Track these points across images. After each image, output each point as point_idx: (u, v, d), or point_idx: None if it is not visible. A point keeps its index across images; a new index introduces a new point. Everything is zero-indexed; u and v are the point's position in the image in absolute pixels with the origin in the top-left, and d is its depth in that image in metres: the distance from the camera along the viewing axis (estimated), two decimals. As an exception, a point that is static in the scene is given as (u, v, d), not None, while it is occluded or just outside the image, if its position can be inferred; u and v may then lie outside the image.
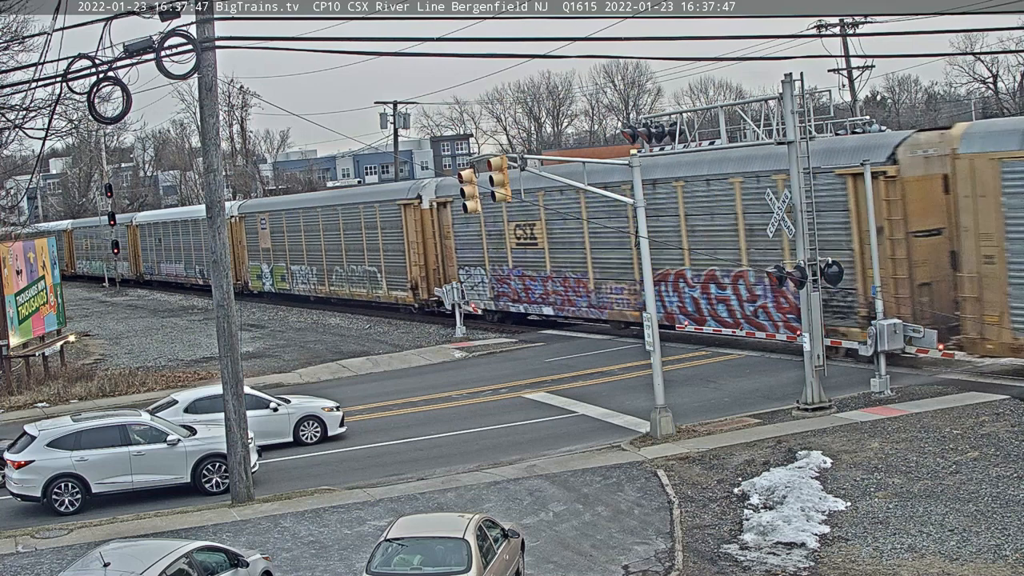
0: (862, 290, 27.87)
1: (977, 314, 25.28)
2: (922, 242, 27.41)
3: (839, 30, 53.32)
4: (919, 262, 27.47)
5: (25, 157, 69.56)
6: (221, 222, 22.50)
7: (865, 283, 27.68)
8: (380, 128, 68.54)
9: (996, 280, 24.68)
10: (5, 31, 37.40)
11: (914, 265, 27.46)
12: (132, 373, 38.57)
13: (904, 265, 27.44)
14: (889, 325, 25.79)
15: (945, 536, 17.17)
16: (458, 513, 18.06)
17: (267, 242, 56.05)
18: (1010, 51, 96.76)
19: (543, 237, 39.05)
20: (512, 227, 40.48)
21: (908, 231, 27.41)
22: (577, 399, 29.38)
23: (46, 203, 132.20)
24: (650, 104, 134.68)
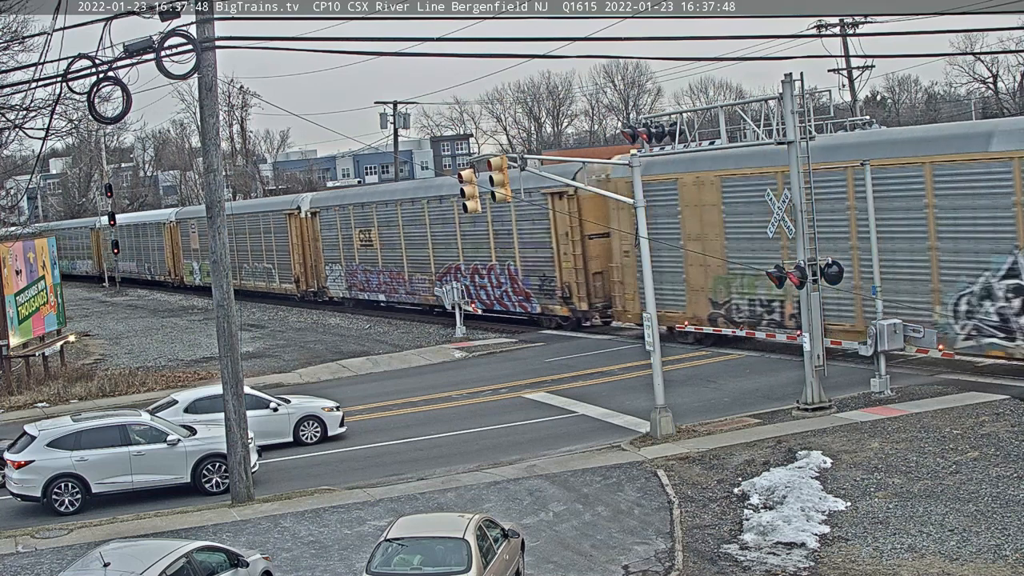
0: (559, 277, 39.63)
1: (621, 293, 37.30)
2: (595, 242, 38.56)
3: (839, 30, 53.33)
4: (593, 257, 38.78)
5: (25, 157, 69.65)
6: (221, 222, 22.50)
7: (561, 272, 39.58)
8: (380, 128, 68.65)
9: (631, 269, 35.50)
10: (5, 31, 37.40)
11: (589, 259, 38.84)
12: (132, 373, 38.58)
13: (582, 259, 38.95)
14: (889, 325, 25.80)
15: (945, 536, 17.17)
16: (458, 513, 18.05)
17: (196, 243, 66.35)
18: (1010, 51, 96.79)
19: (376, 240, 49.53)
20: (357, 232, 50.78)
21: (584, 234, 38.61)
22: (577, 399, 29.39)
23: (46, 203, 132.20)
24: (650, 104, 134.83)
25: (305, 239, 55.51)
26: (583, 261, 38.68)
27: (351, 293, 52.18)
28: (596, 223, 37.82)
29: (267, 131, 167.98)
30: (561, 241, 39.03)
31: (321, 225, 53.84)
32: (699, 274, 33.85)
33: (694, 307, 34.24)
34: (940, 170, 26.43)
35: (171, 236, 71.78)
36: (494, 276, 42.42)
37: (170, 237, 72.11)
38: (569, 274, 38.93)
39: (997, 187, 25.16)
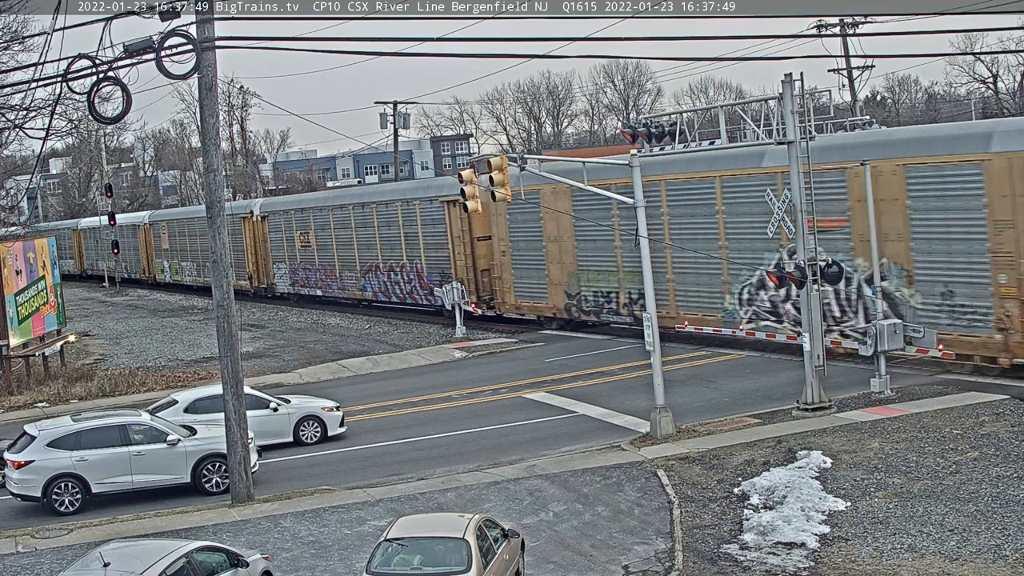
0: (455, 274, 44.24)
1: (500, 287, 42.70)
2: (481, 244, 43.60)
3: (839, 30, 53.32)
4: (480, 256, 43.72)
5: (25, 157, 69.68)
6: (221, 222, 22.51)
7: (456, 270, 44.17)
8: (380, 128, 68.65)
9: (507, 267, 41.82)
10: (5, 31, 37.41)
11: (477, 258, 43.76)
12: (132, 373, 38.57)
13: (471, 258, 43.88)
14: (889, 325, 25.82)
15: (945, 536, 17.17)
16: (458, 513, 18.05)
17: (166, 244, 73.14)
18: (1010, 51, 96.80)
19: (313, 242, 54.65)
20: (298, 234, 55.97)
21: (473, 237, 43.62)
22: (577, 399, 29.39)
23: (46, 203, 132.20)
24: (650, 104, 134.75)
25: (257, 240, 60.58)
26: (472, 260, 43.98)
27: (294, 289, 57.66)
28: (482, 228, 43.32)
29: (267, 131, 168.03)
30: (455, 243, 44.38)
31: (269, 228, 59.19)
32: (557, 270, 39.52)
33: (554, 298, 40.05)
34: (728, 182, 32.02)
35: (145, 237, 77.06)
36: (405, 273, 48.04)
37: (144, 238, 77.24)
38: (462, 271, 44.16)
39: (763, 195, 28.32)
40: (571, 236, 38.49)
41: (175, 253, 71.73)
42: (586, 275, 38.19)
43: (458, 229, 43.94)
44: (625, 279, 36.53)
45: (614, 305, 36.94)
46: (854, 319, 29.02)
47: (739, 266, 32.05)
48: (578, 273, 38.50)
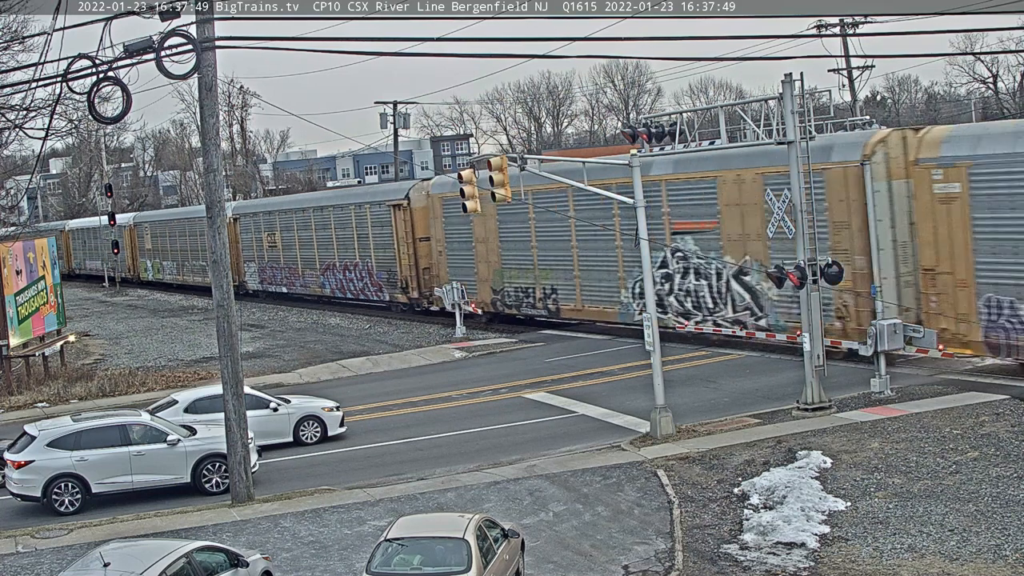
0: (400, 272, 47.84)
1: (435, 284, 46.14)
2: (422, 244, 46.87)
3: (839, 30, 53.30)
4: (421, 256, 46.98)
5: (25, 157, 69.73)
6: (221, 222, 22.51)
7: (403, 270, 47.71)
8: (380, 128, 68.64)
9: (443, 265, 45.55)
10: (5, 31, 37.39)
11: (419, 257, 47.08)
12: (132, 373, 38.58)
13: (414, 258, 47.20)
14: (889, 325, 25.83)
15: (945, 536, 17.17)
16: (458, 513, 18.06)
17: (149, 244, 77.17)
18: (1010, 51, 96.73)
19: (279, 242, 58.44)
20: (265, 235, 60.18)
21: (416, 237, 47.05)
22: (577, 399, 29.39)
23: (46, 203, 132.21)
24: (650, 104, 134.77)
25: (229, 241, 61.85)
26: (415, 259, 47.27)
27: (263, 286, 61.72)
28: (423, 230, 46.89)
29: (267, 131, 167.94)
30: (400, 244, 47.75)
31: (241, 229, 62.75)
32: (484, 269, 42.94)
33: (482, 294, 43.34)
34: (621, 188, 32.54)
35: (130, 237, 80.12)
36: (358, 271, 51.62)
37: (129, 238, 80.00)
38: (406, 269, 47.70)
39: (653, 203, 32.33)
40: (496, 238, 42.18)
41: (157, 253, 75.99)
42: (508, 273, 41.78)
43: (402, 231, 47.54)
44: (540, 276, 40.25)
45: (532, 300, 40.98)
46: (724, 310, 32.52)
47: (631, 264, 35.16)
48: (502, 271, 42.08)
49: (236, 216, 62.83)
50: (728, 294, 32.42)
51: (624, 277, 36.12)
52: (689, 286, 33.79)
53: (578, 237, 37.70)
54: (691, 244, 33.64)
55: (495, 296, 42.71)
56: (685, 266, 33.88)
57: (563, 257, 38.49)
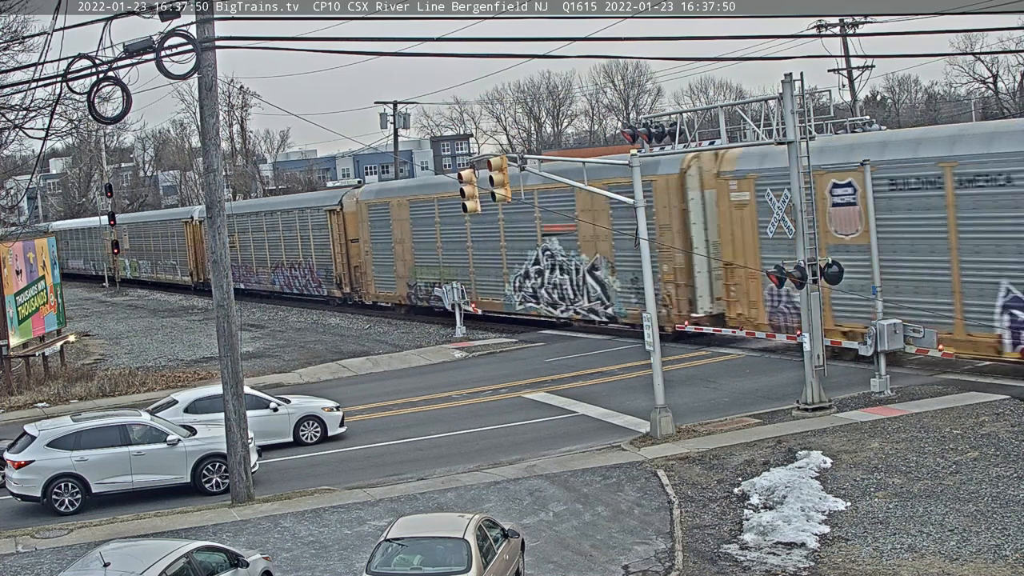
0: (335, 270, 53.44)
1: (365, 280, 51.40)
2: (353, 245, 51.79)
3: (839, 30, 53.30)
4: (352, 255, 52.15)
5: (25, 157, 69.78)
6: (221, 222, 22.51)
7: (338, 268, 53.27)
8: (380, 128, 68.62)
9: (369, 264, 50.61)
10: (5, 31, 37.40)
11: (351, 257, 52.26)
12: (132, 373, 38.57)
13: (346, 257, 52.63)
14: (889, 325, 25.83)
15: (945, 536, 17.17)
16: (458, 513, 18.06)
17: (127, 244, 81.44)
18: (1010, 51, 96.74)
19: (237, 243, 62.85)
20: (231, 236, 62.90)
21: (348, 239, 52.07)
22: (577, 399, 29.39)
23: (46, 203, 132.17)
24: (650, 104, 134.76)
25: (196, 241, 69.70)
26: (347, 258, 52.41)
27: None
28: (353, 232, 51.79)
29: (267, 131, 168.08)
30: (335, 245, 52.92)
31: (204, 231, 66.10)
32: (402, 267, 48.30)
33: (400, 289, 48.85)
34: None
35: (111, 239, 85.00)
36: (301, 269, 57.19)
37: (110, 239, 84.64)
38: (340, 267, 52.97)
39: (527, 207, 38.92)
40: (410, 239, 47.52)
41: (134, 252, 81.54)
42: (420, 270, 47.25)
43: (336, 234, 52.79)
44: (444, 273, 45.33)
45: (439, 293, 45.71)
46: (582, 299, 38.33)
47: (512, 262, 41.33)
48: (415, 268, 47.55)
49: (201, 219, 67.83)
50: (584, 286, 38.17)
51: (507, 273, 41.87)
52: (556, 280, 39.56)
53: (472, 239, 43.50)
54: (557, 244, 39.40)
55: (410, 290, 48.08)
56: (553, 263, 39.61)
57: (461, 256, 44.38)
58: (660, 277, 33.64)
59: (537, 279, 40.01)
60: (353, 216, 51.60)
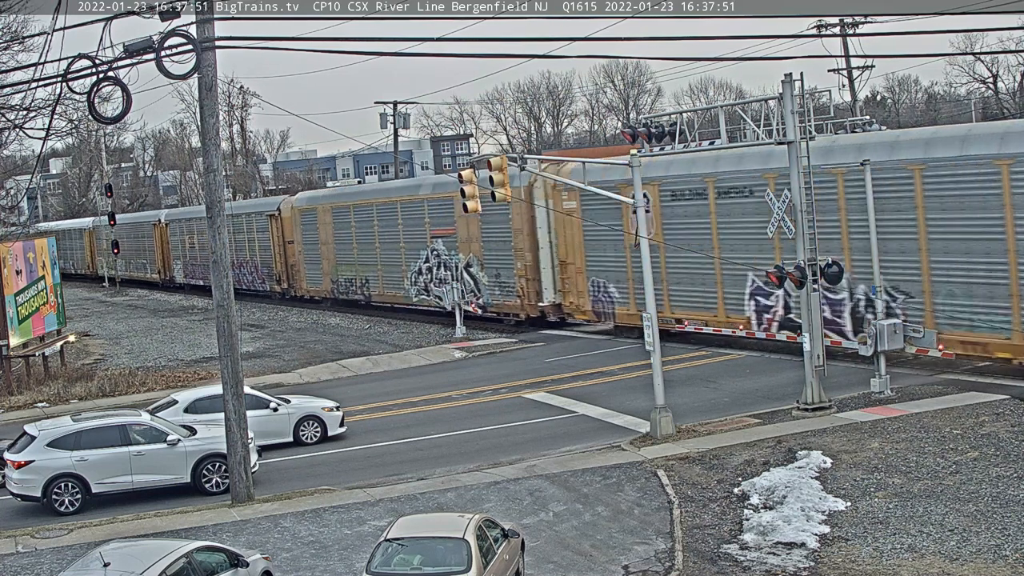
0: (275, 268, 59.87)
1: (298, 277, 57.88)
2: (290, 246, 58.20)
3: (839, 30, 53.30)
4: (290, 255, 58.33)
5: (25, 157, 69.83)
6: (221, 222, 22.50)
7: (277, 266, 59.60)
8: (380, 128, 68.67)
9: (302, 263, 56.97)
10: (5, 31, 37.39)
11: (288, 256, 58.50)
12: (132, 373, 38.57)
13: (284, 255, 58.78)
14: (889, 325, 25.82)
15: (945, 536, 17.17)
16: (458, 513, 18.06)
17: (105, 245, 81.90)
18: (1010, 51, 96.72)
19: (196, 244, 69.36)
20: (186, 238, 72.17)
21: (285, 241, 58.36)
22: (577, 399, 29.38)
23: (46, 203, 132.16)
24: (650, 104, 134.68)
25: (164, 242, 77.06)
26: (285, 258, 58.87)
27: (186, 280, 72.83)
28: (289, 234, 58.02)
29: (267, 131, 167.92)
30: (275, 246, 59.52)
31: (170, 233, 75.39)
32: (327, 264, 54.53)
33: (325, 284, 54.94)
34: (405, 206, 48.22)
35: (90, 239, 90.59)
36: (248, 267, 63.17)
37: (89, 240, 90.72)
38: (279, 266, 59.47)
39: (419, 213, 46.70)
40: (333, 240, 53.82)
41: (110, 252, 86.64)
42: (341, 268, 53.34)
43: (276, 236, 59.36)
44: (359, 270, 51.80)
45: (355, 287, 52.27)
46: (468, 292, 43.89)
47: (409, 260, 47.86)
48: (336, 266, 53.65)
49: (168, 221, 76.11)
50: (462, 282, 44.15)
51: (406, 270, 48.28)
52: (441, 275, 45.66)
53: (379, 241, 50.07)
54: (441, 245, 45.57)
55: (333, 285, 54.32)
56: (439, 261, 45.76)
57: (371, 255, 50.74)
58: (516, 272, 41.42)
59: (428, 275, 46.63)
60: (289, 220, 58.01)
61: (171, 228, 74.77)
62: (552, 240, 40.20)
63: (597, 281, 37.41)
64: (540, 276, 40.67)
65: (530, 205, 39.37)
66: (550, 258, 40.29)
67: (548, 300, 40.74)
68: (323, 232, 54.50)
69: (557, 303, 40.48)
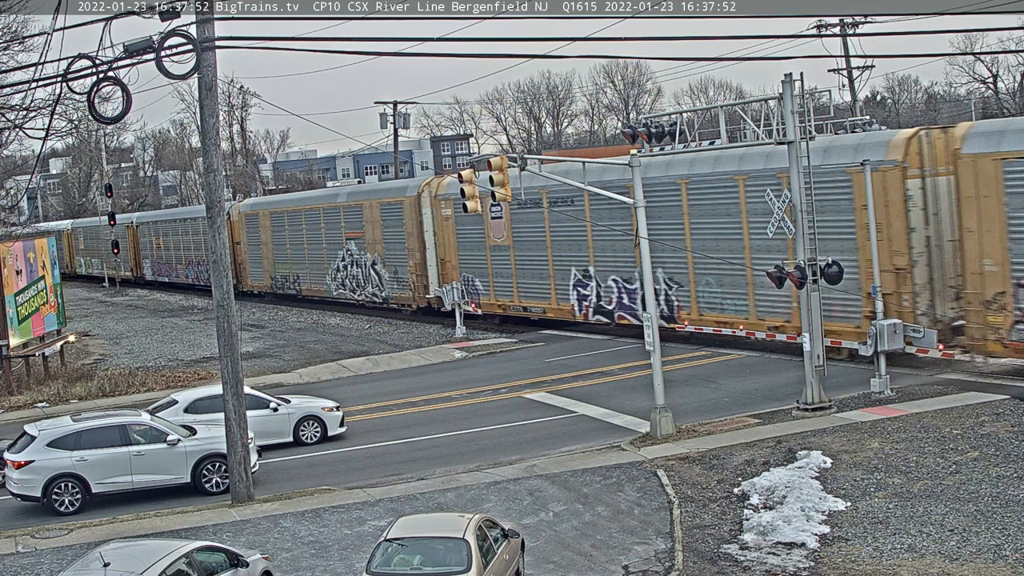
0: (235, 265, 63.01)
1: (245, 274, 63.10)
2: (237, 247, 62.97)
3: (839, 30, 53.30)
4: (238, 254, 63.41)
5: (25, 157, 69.96)
6: (221, 222, 22.50)
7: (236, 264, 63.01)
8: (380, 128, 68.65)
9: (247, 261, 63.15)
10: (5, 31, 37.40)
11: (236, 255, 62.94)
12: (132, 373, 38.56)
13: (233, 254, 59.59)
14: (889, 325, 25.84)
15: (945, 536, 17.17)
16: (458, 513, 18.05)
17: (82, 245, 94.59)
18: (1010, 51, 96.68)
19: (163, 244, 76.65)
20: (154, 238, 78.59)
21: (234, 242, 61.50)
22: (577, 399, 29.39)
23: (46, 203, 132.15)
24: (650, 104, 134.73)
25: (135, 243, 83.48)
26: (233, 256, 61.92)
27: (154, 277, 79.26)
28: (237, 236, 63.36)
29: (267, 131, 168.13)
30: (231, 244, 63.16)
31: (140, 234, 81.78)
32: (268, 263, 60.92)
33: (265, 280, 61.52)
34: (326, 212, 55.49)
35: (68, 240, 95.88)
36: (204, 265, 66.26)
37: (67, 241, 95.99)
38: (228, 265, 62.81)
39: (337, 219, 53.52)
40: (271, 241, 60.44)
41: (87, 252, 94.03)
42: (278, 266, 59.89)
43: (238, 236, 64.38)
44: (292, 267, 58.28)
45: (289, 282, 58.87)
46: (368, 287, 50.73)
47: (330, 258, 54.14)
48: (274, 264, 60.38)
49: (139, 224, 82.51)
50: (369, 278, 50.67)
51: (327, 268, 54.61)
52: (354, 272, 52.01)
53: (307, 241, 56.47)
54: (354, 246, 51.77)
55: (272, 281, 60.76)
56: (352, 260, 52.05)
57: (301, 255, 57.29)
58: (409, 269, 47.96)
59: (344, 272, 52.87)
60: (237, 224, 63.67)
61: (140, 230, 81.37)
62: (437, 242, 46.27)
63: (468, 276, 44.34)
64: (427, 272, 46.80)
65: (418, 212, 46.58)
66: (435, 257, 46.38)
67: (433, 293, 46.23)
68: (263, 234, 61.60)
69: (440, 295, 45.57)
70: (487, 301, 43.46)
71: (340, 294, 53.69)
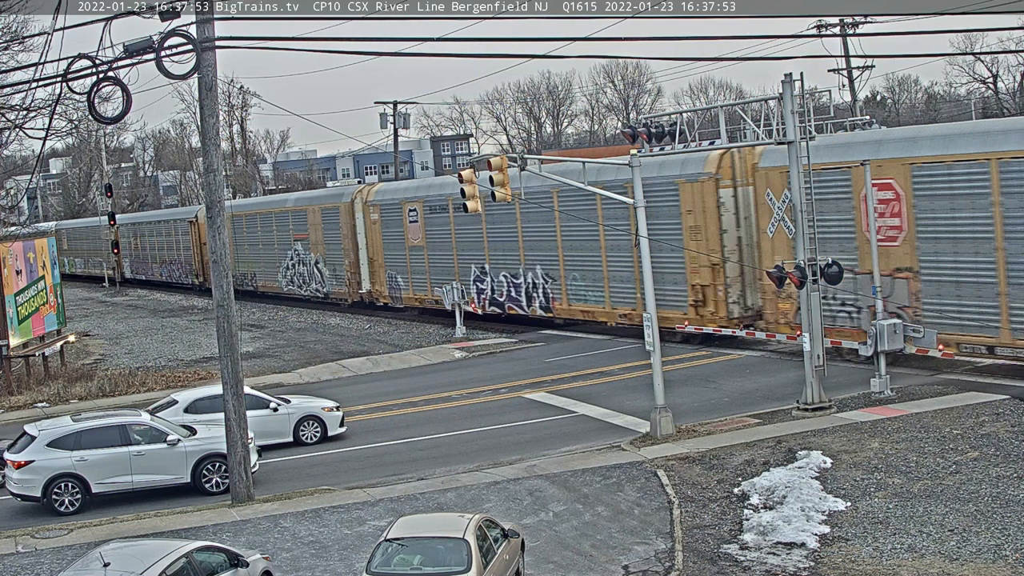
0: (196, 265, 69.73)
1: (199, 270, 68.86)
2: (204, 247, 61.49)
3: (839, 30, 53.30)
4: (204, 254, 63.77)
5: (25, 157, 70.06)
6: (221, 222, 22.49)
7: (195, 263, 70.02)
8: (380, 128, 68.67)
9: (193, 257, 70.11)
10: (5, 31, 37.40)
11: (204, 255, 64.01)
12: (132, 373, 38.56)
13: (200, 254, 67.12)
14: (889, 325, 25.85)
15: (945, 536, 17.17)
16: (458, 513, 18.05)
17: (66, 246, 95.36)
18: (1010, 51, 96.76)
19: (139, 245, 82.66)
20: (134, 239, 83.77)
21: (202, 243, 64.76)
22: (577, 399, 29.39)
23: (46, 203, 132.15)
24: (650, 104, 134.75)
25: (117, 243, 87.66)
26: (201, 257, 67.84)
27: (133, 275, 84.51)
28: (204, 237, 62.43)
29: (267, 131, 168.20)
30: (194, 247, 69.91)
31: (120, 235, 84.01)
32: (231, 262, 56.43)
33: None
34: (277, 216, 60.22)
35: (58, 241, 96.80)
36: (177, 265, 74.23)
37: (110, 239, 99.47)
38: (197, 263, 69.65)
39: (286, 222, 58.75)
40: (232, 242, 59.90)
41: (71, 252, 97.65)
42: (238, 264, 62.66)
43: (194, 238, 69.56)
44: (250, 266, 62.86)
45: (248, 280, 62.92)
46: (313, 283, 55.61)
47: (281, 257, 59.17)
48: (236, 263, 61.73)
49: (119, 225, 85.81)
50: (313, 275, 55.72)
51: (278, 266, 59.71)
52: (301, 270, 56.99)
53: (262, 243, 61.72)
54: (301, 247, 56.77)
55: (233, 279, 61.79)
56: (299, 259, 57.03)
57: (257, 254, 62.43)
58: (344, 268, 52.51)
59: (293, 270, 57.95)
60: (203, 225, 65.64)
61: (121, 231, 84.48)
62: (366, 244, 51.06)
63: (391, 273, 49.48)
64: (360, 270, 51.72)
65: (352, 216, 51.68)
66: (366, 257, 51.25)
67: (365, 288, 51.57)
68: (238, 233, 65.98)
69: (369, 290, 51.16)
70: (407, 295, 48.42)
71: (290, 290, 58.77)
